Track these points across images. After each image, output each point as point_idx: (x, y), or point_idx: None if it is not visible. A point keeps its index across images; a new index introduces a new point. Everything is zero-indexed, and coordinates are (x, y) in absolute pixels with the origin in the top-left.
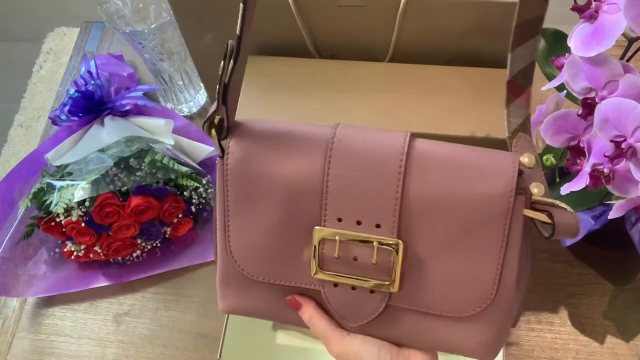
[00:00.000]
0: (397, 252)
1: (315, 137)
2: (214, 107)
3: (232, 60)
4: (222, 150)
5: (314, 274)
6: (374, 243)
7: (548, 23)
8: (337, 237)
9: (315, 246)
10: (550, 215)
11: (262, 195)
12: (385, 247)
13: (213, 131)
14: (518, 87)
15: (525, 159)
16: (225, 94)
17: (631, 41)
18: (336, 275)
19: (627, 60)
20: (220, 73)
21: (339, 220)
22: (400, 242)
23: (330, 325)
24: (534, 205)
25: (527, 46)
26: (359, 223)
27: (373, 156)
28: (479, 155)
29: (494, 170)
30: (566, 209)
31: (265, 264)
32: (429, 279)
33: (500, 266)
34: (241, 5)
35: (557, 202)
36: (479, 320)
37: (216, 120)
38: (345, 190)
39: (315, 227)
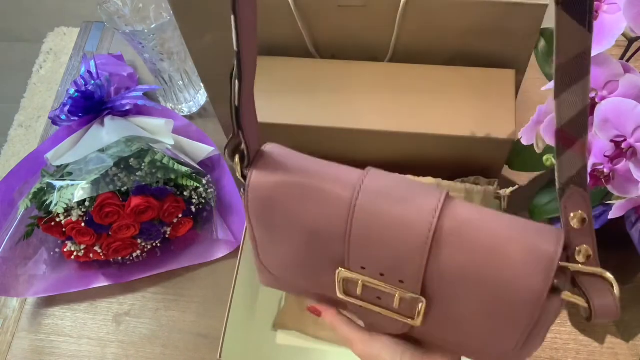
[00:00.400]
0: (419, 305)
1: (341, 181)
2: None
3: (237, 81)
4: (244, 179)
5: (340, 296)
6: (397, 295)
7: (548, 23)
8: (360, 282)
9: (338, 283)
10: (588, 301)
11: (284, 232)
12: (407, 300)
13: (237, 158)
14: (570, 137)
15: (575, 219)
16: (238, 118)
17: (631, 41)
18: (361, 301)
19: (627, 60)
20: (230, 95)
21: (362, 268)
22: (423, 299)
23: (351, 328)
24: (576, 275)
25: (576, 90)
26: (382, 275)
27: (401, 217)
28: (519, 233)
29: (532, 258)
30: (609, 283)
31: (294, 278)
32: (451, 327)
33: (525, 337)
34: (232, 17)
35: (602, 271)
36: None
37: (241, 147)
38: (368, 244)
39: (339, 268)
